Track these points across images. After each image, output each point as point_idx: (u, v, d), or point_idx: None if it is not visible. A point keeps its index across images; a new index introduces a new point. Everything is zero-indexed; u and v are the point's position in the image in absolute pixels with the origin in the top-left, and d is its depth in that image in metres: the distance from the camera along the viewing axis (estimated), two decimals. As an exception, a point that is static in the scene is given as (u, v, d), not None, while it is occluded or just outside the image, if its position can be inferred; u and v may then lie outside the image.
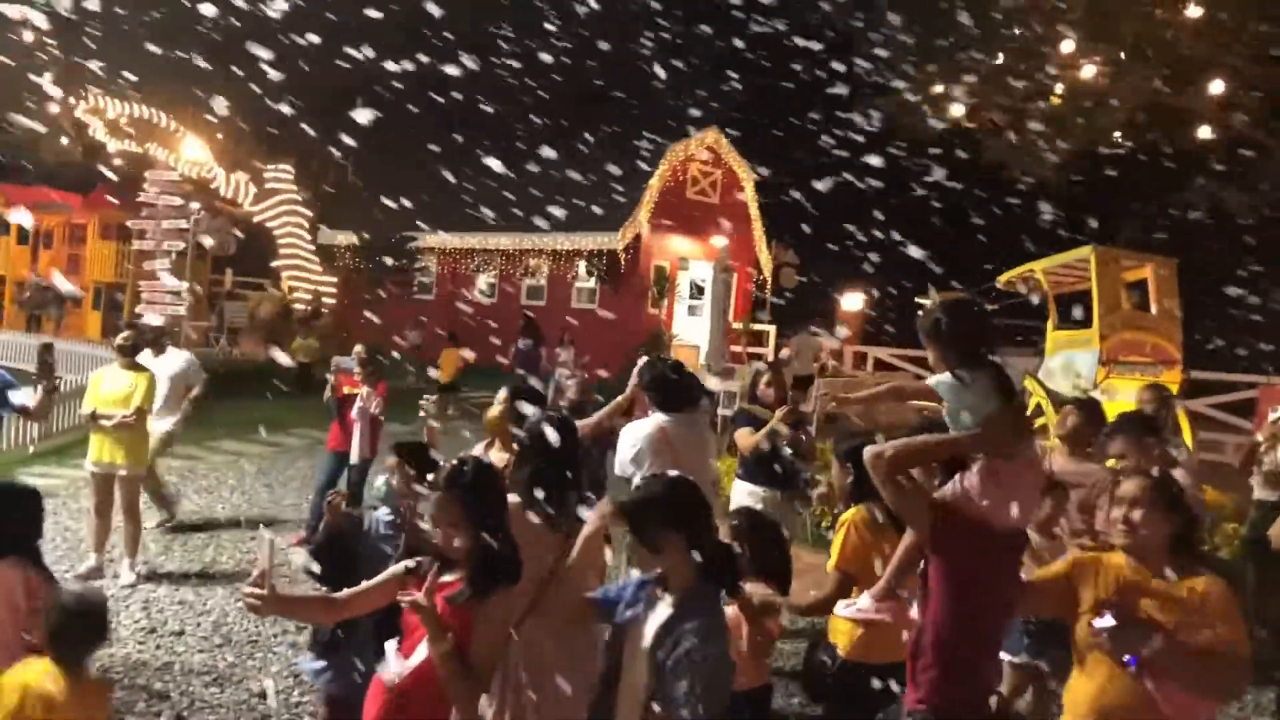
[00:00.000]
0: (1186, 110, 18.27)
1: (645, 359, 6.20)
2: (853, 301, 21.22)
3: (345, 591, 3.36)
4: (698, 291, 23.41)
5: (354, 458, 8.87)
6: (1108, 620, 3.11)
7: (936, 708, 3.12)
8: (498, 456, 4.78)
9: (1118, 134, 19.54)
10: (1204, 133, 18.66)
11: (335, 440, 9.11)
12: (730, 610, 3.62)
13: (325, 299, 25.45)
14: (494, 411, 4.91)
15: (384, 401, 9.02)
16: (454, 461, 3.35)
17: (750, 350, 22.16)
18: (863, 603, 3.93)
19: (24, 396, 6.54)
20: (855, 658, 4.06)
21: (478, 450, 4.95)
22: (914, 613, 3.42)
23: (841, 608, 4.07)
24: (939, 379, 3.27)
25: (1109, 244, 13.22)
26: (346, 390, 8.99)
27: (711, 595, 3.04)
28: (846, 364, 20.12)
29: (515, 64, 22.59)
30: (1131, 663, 3.07)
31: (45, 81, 26.84)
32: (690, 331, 22.69)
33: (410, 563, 3.32)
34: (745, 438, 6.97)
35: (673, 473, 3.28)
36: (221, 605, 7.39)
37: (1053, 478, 4.78)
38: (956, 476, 3.20)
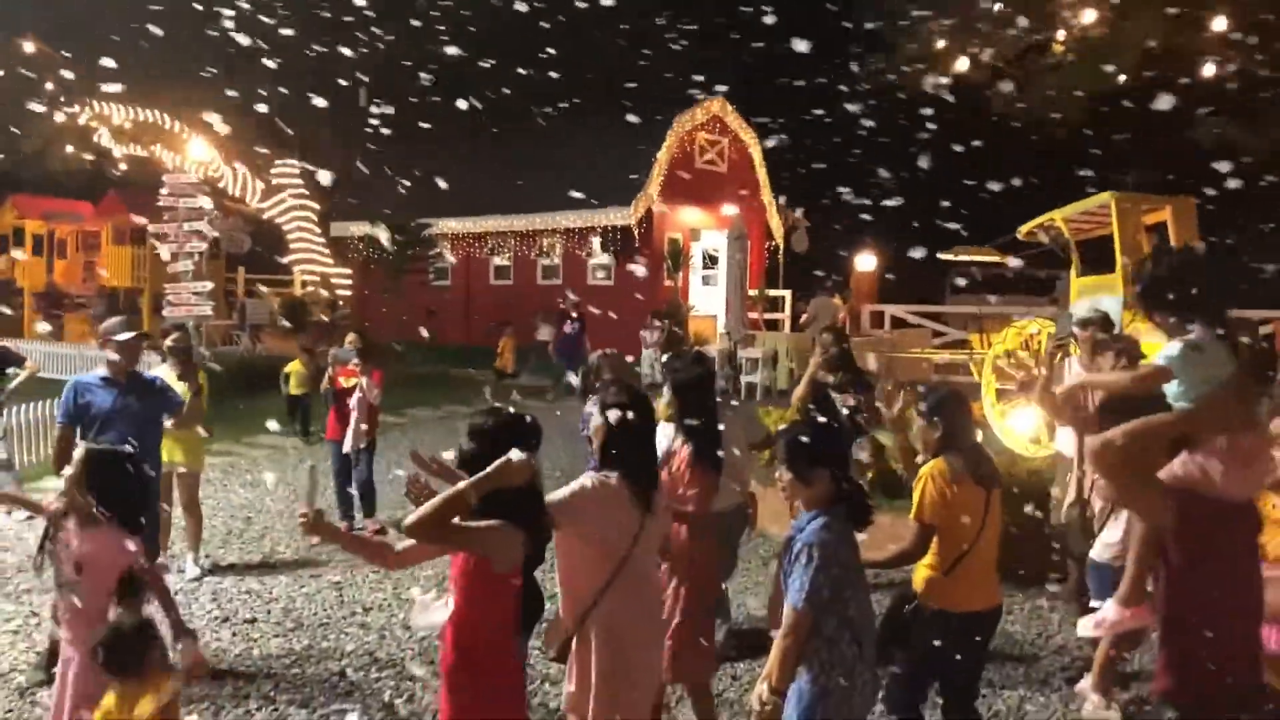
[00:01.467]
0: (1191, 48, 18.27)
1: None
2: (866, 262, 21.33)
3: (402, 546, 3.65)
4: (711, 261, 23.54)
5: (348, 446, 9.16)
6: None
7: (1180, 699, 3.07)
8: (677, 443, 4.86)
9: (1123, 77, 19.54)
10: (1209, 70, 18.66)
11: (334, 430, 9.43)
12: None
13: (341, 291, 25.66)
14: (662, 404, 4.89)
15: (379, 389, 9.29)
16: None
17: (767, 317, 22.30)
18: (1108, 613, 3.98)
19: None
20: (941, 606, 4.22)
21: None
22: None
23: (1086, 627, 4.20)
24: (1169, 354, 3.20)
25: (1120, 188, 13.34)
26: (344, 381, 9.20)
27: (844, 518, 3.52)
28: (864, 323, 20.26)
29: (517, 44, 22.67)
30: None
31: (49, 90, 27.05)
32: (706, 302, 22.84)
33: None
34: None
35: (822, 419, 3.62)
36: (287, 592, 7.62)
37: None
38: (1184, 456, 3.16)
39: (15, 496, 4.71)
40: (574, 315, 18.31)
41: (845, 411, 6.96)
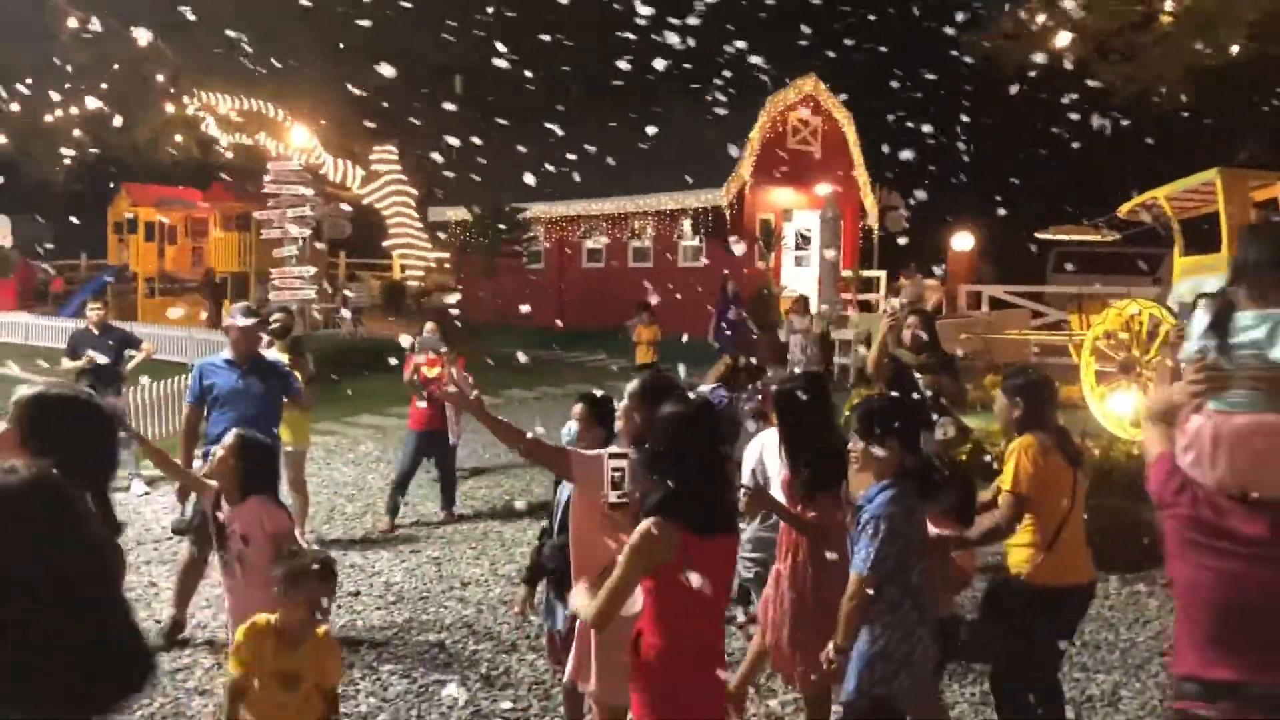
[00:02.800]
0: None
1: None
2: (963, 242, 20.99)
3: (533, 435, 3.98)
4: (803, 241, 23.39)
5: (455, 437, 9.27)
6: None
7: None
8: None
9: (1234, 48, 18.83)
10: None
11: (417, 419, 9.19)
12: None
13: (445, 274, 26.11)
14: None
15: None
16: None
17: (860, 297, 22.08)
18: None
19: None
20: (1046, 581, 4.22)
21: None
22: None
23: None
24: None
25: (1228, 164, 12.89)
26: (428, 371, 8.93)
27: (911, 489, 3.62)
28: (961, 304, 19.94)
29: (611, 24, 22.74)
30: None
31: (159, 81, 28.04)
32: (798, 282, 22.71)
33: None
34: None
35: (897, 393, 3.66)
36: (389, 566, 7.88)
37: None
38: None
39: (189, 476, 5.01)
40: (734, 298, 17.55)
41: (929, 393, 6.89)
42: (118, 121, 27.78)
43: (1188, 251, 10.01)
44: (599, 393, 4.49)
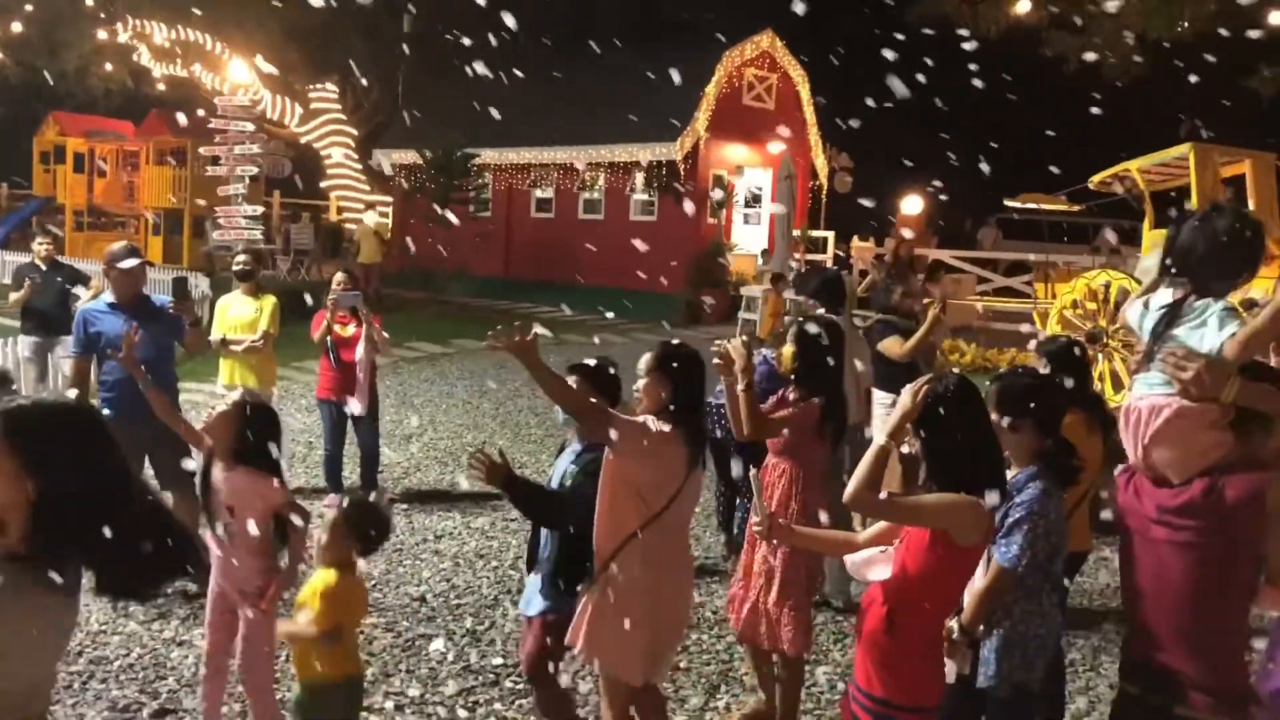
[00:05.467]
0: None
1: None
2: (912, 205, 21.13)
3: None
4: (753, 199, 23.35)
5: (356, 408, 7.89)
6: None
7: None
8: (792, 397, 4.75)
9: (1183, 24, 19.11)
10: (1275, 19, 18.21)
11: (328, 388, 8.06)
12: None
13: (381, 219, 25.61)
14: (788, 351, 4.77)
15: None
16: None
17: (809, 257, 22.15)
18: None
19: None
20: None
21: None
22: None
23: None
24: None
25: (1174, 138, 13.16)
26: (341, 330, 7.93)
27: (1049, 475, 3.43)
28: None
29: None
30: None
31: (89, 6, 26.87)
32: (748, 240, 22.72)
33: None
34: (896, 345, 7.09)
35: (1044, 371, 3.71)
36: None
37: None
38: None
39: (179, 419, 4.76)
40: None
41: None
42: (45, 46, 26.66)
43: (1158, 224, 10.16)
44: (591, 361, 4.22)
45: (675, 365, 3.76)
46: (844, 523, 4.78)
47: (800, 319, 4.99)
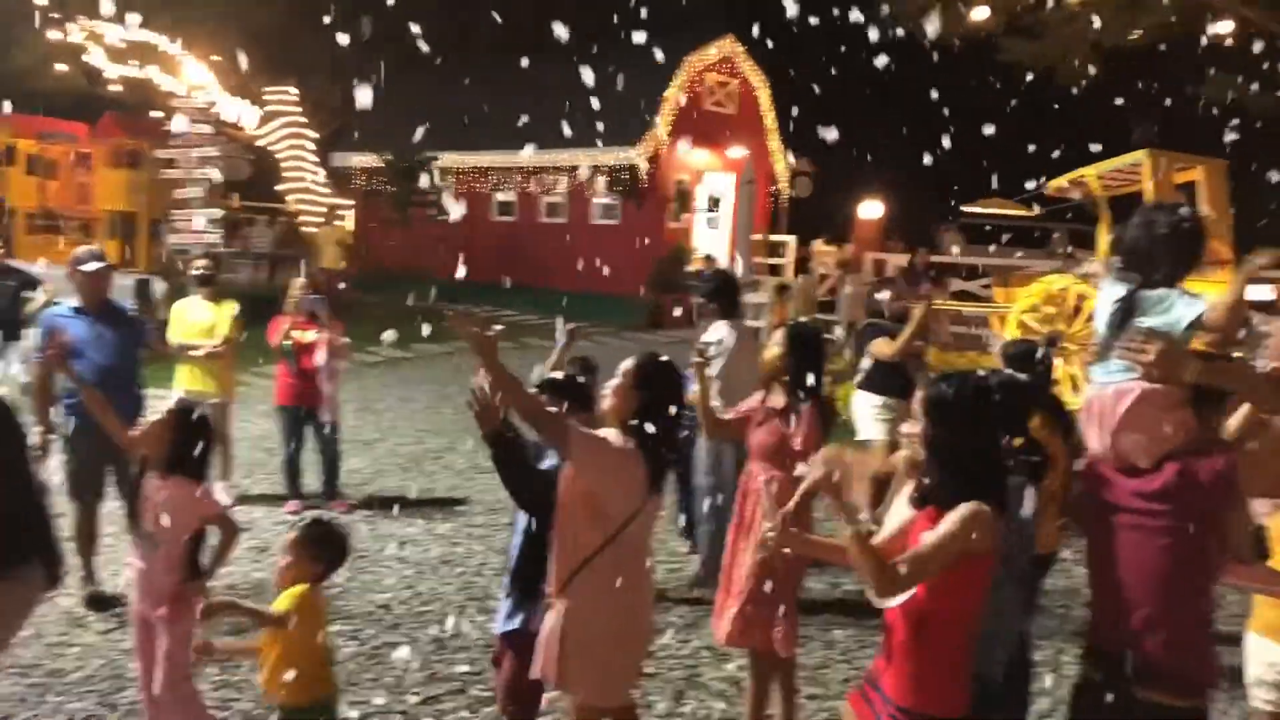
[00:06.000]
0: (1204, 5, 18.14)
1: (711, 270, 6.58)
2: (870, 209, 21.28)
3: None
4: (714, 204, 23.43)
5: (328, 416, 8.01)
6: None
7: None
8: (775, 403, 4.69)
9: (1136, 33, 19.41)
10: (1223, 27, 18.56)
11: (287, 393, 8.03)
12: None
13: (339, 223, 25.39)
14: (772, 355, 4.71)
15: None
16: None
17: (769, 262, 22.25)
18: None
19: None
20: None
21: (755, 400, 4.85)
22: None
23: None
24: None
25: (1126, 144, 13.38)
26: (302, 335, 7.92)
27: (1016, 471, 3.29)
28: (866, 271, 20.22)
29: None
30: None
31: (41, 4, 26.43)
32: (709, 245, 22.75)
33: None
34: (885, 347, 7.16)
35: (1000, 376, 3.44)
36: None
37: None
38: None
39: (112, 420, 4.64)
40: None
41: None
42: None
43: (1113, 229, 10.32)
44: (559, 375, 4.19)
45: (652, 381, 3.64)
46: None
47: (788, 323, 4.96)
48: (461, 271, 18.26)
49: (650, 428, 3.56)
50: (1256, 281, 10.58)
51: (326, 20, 25.22)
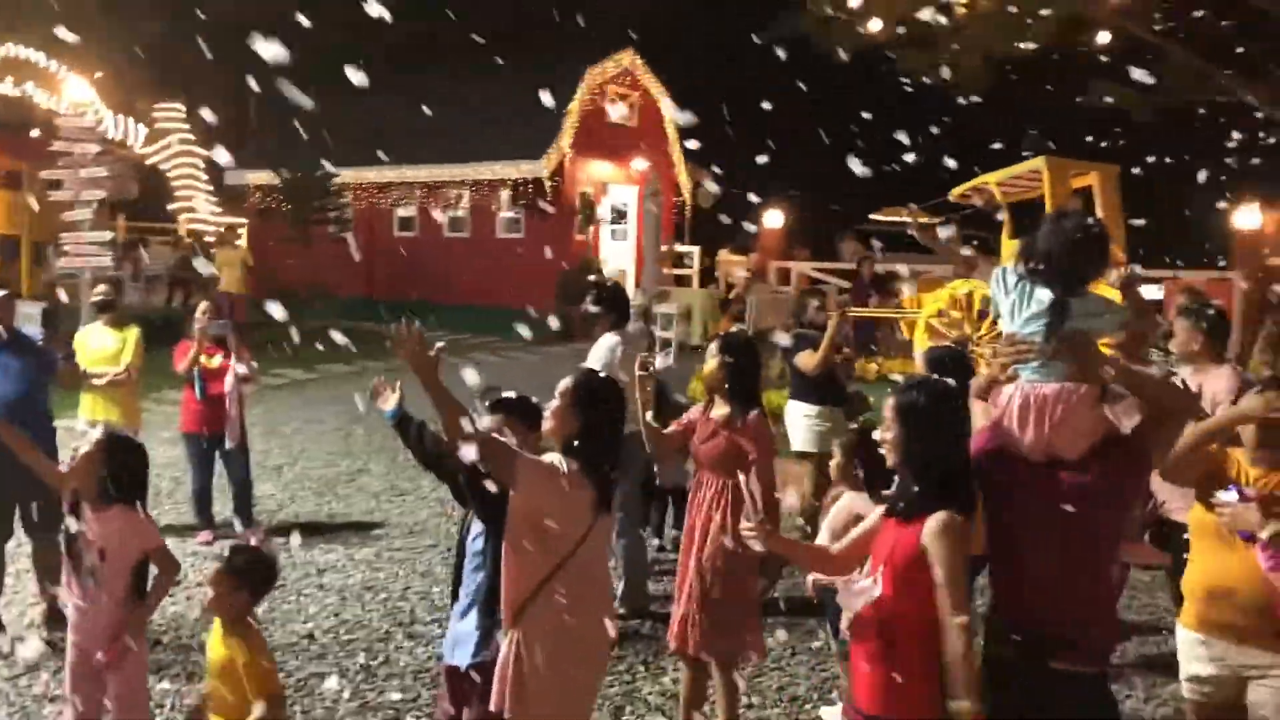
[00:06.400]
0: (1087, 17, 18.82)
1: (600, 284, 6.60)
2: (774, 219, 21.54)
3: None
4: (619, 216, 23.48)
5: (231, 441, 7.76)
6: (1231, 494, 3.43)
7: None
8: (719, 413, 4.67)
9: (1023, 44, 20.03)
10: (1103, 38, 19.27)
11: (194, 421, 7.81)
12: None
13: (239, 244, 24.76)
14: (711, 366, 4.70)
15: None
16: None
17: (675, 272, 22.40)
18: None
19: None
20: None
21: (695, 412, 4.86)
22: None
23: None
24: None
25: (1018, 154, 13.84)
26: (209, 360, 7.68)
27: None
28: (771, 280, 20.48)
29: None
30: (1244, 536, 3.41)
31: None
32: (615, 257, 22.81)
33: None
34: (808, 358, 7.26)
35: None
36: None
37: None
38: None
39: (37, 457, 4.45)
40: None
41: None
42: None
43: (1015, 234, 10.62)
44: (511, 394, 4.07)
45: (591, 400, 3.56)
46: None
47: (720, 333, 5.00)
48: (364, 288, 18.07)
49: (593, 446, 3.49)
50: (1145, 283, 11.02)
51: (217, 35, 24.71)
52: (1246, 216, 14.60)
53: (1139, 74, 19.62)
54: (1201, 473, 3.66)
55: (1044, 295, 3.25)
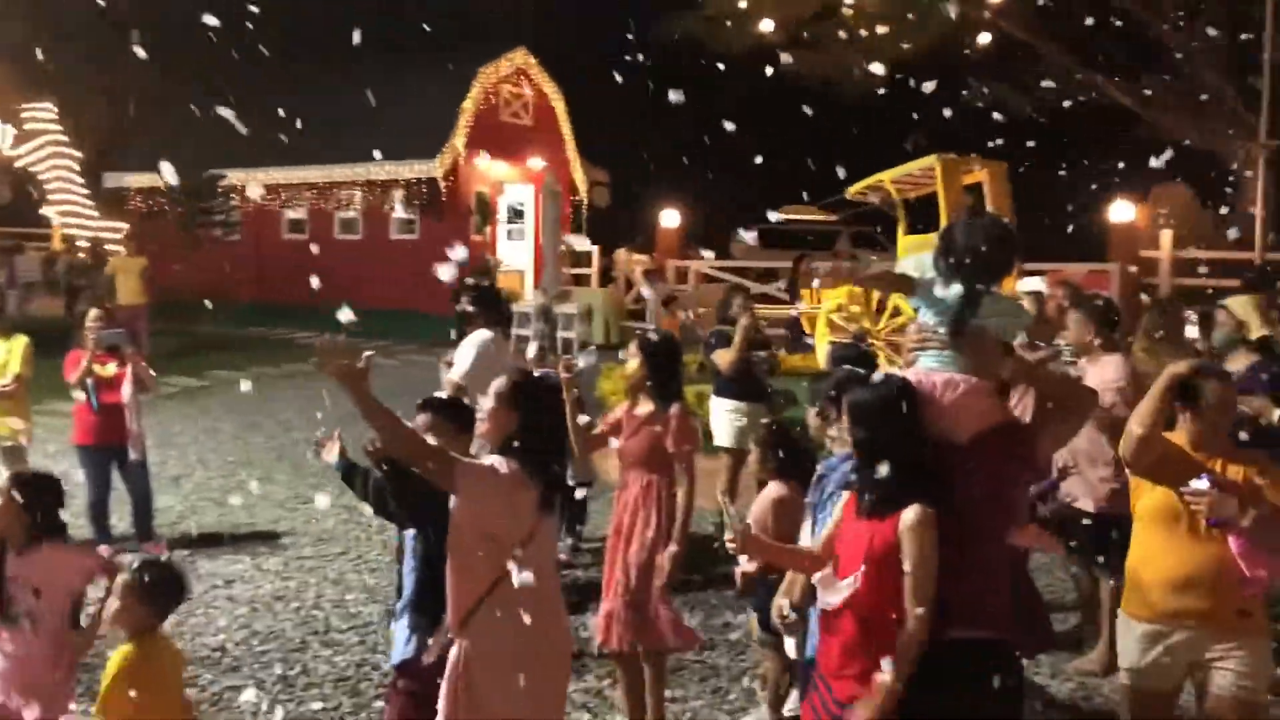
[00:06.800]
0: (967, 19, 19.47)
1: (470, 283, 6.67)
2: (670, 218, 21.69)
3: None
4: (516, 215, 23.37)
5: (134, 453, 7.53)
6: (1204, 483, 3.49)
7: None
8: (642, 411, 4.71)
9: (906, 44, 20.59)
10: (984, 39, 19.94)
11: (88, 432, 7.49)
12: None
13: (109, 245, 23.90)
14: (632, 366, 4.73)
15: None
16: None
17: (573, 272, 22.39)
18: None
19: None
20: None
21: (619, 410, 4.89)
22: None
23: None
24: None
25: (902, 153, 14.27)
26: (102, 369, 7.38)
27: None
28: (670, 279, 20.64)
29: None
30: (1214, 523, 3.52)
31: None
32: (513, 257, 22.70)
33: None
34: (725, 356, 7.37)
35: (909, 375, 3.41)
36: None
37: None
38: None
39: None
40: None
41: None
42: None
43: (910, 231, 10.92)
44: (443, 394, 4.11)
45: (526, 398, 3.50)
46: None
47: (641, 331, 5.08)
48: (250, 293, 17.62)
49: (532, 445, 3.45)
50: (1029, 275, 11.50)
51: (93, 33, 23.84)
52: (1121, 211, 15.23)
53: (1016, 73, 20.63)
54: (1155, 460, 3.75)
55: (956, 289, 3.40)
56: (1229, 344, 5.97)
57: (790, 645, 3.59)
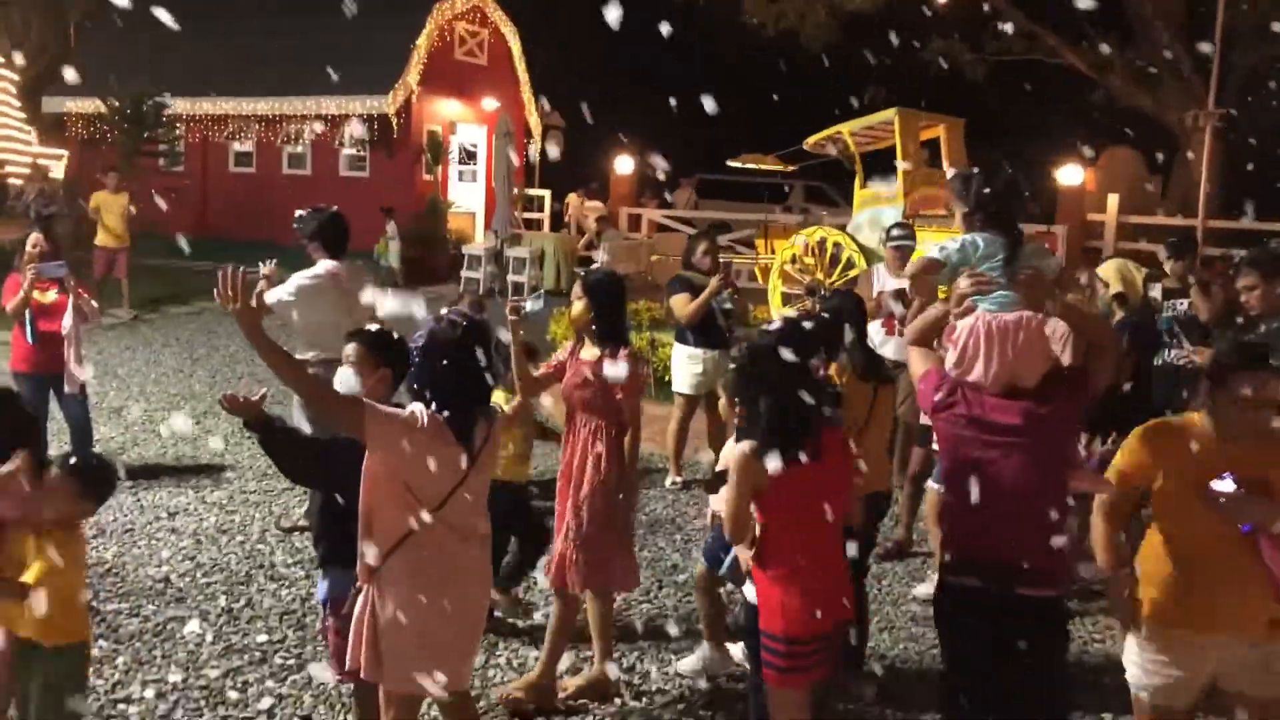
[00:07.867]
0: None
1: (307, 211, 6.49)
2: (624, 165, 21.51)
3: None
4: (468, 156, 23.05)
5: (69, 385, 7.33)
6: (1228, 484, 3.16)
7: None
8: (588, 354, 4.61)
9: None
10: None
11: (26, 359, 7.29)
12: None
13: (52, 174, 23.23)
14: (578, 309, 4.63)
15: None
16: None
17: (525, 216, 22.20)
18: None
19: None
20: None
21: (564, 353, 4.80)
22: None
23: None
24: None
25: (860, 105, 14.28)
26: (42, 297, 7.20)
27: None
28: (622, 226, 20.55)
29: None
30: (1246, 529, 3.20)
31: None
32: (464, 198, 22.42)
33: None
34: (683, 304, 7.31)
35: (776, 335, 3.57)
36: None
37: None
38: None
39: None
40: None
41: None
42: None
43: (866, 184, 10.95)
44: (374, 327, 3.86)
45: (440, 348, 3.31)
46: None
47: (585, 271, 5.01)
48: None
49: (448, 394, 3.31)
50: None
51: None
52: (1069, 174, 15.38)
53: (973, 33, 20.66)
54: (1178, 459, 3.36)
55: (993, 239, 3.49)
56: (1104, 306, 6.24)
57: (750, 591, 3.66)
